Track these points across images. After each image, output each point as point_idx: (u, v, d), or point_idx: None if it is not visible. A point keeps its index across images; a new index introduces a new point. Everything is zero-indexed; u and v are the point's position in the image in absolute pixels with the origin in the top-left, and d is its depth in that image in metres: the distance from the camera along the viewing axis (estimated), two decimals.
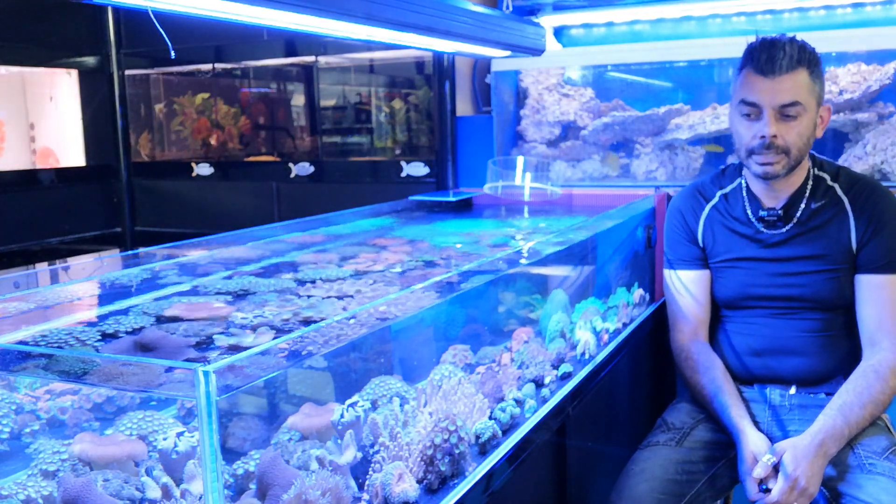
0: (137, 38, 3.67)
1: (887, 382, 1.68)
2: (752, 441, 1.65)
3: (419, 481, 1.15)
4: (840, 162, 2.39)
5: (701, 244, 1.90)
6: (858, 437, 1.68)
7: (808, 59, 1.65)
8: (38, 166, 3.95)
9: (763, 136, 1.66)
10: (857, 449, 1.66)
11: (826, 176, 1.81)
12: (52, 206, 3.55)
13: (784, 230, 1.79)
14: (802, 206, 1.78)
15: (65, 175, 3.67)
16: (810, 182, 1.79)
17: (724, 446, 1.76)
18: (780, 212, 1.78)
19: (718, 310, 1.93)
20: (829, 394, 1.79)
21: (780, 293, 1.80)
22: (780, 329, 1.81)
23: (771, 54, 1.64)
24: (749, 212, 1.83)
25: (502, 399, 1.44)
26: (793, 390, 1.81)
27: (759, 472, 1.59)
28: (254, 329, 1.09)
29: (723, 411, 1.74)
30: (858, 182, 1.79)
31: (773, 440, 1.80)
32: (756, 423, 1.79)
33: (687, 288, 1.91)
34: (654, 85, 2.77)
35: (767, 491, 1.59)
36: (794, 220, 1.79)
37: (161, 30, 1.19)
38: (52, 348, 1.01)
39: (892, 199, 1.78)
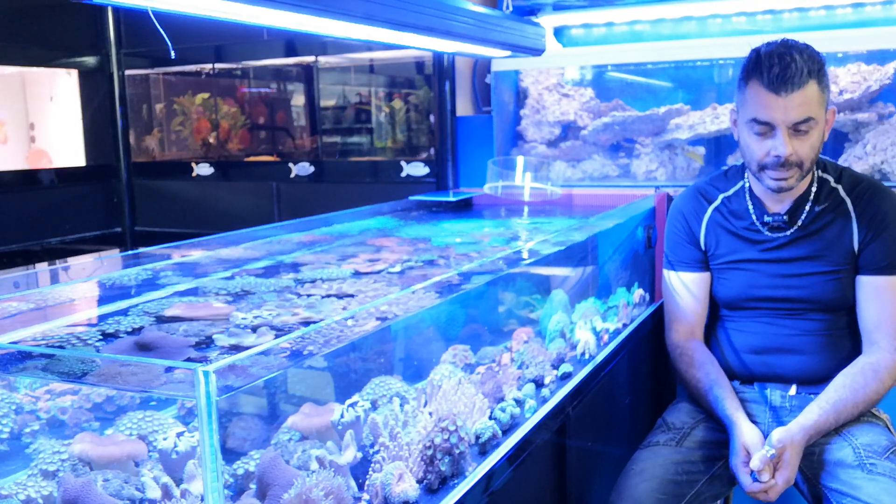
0: (137, 38, 3.67)
1: (883, 382, 1.70)
2: (746, 433, 1.66)
3: (419, 481, 1.15)
4: (840, 162, 2.39)
5: (703, 247, 1.90)
6: (859, 437, 1.69)
7: (817, 69, 1.62)
8: (30, 167, 3.94)
9: (778, 156, 1.64)
10: (858, 449, 1.66)
11: (830, 178, 1.80)
12: (52, 206, 3.55)
13: (788, 233, 1.79)
14: (807, 209, 1.78)
15: (65, 175, 3.67)
16: (815, 185, 1.79)
17: (724, 446, 1.76)
18: (785, 217, 1.78)
19: (719, 309, 1.93)
20: None
21: (782, 294, 1.80)
22: (781, 329, 1.81)
23: (782, 70, 1.59)
24: (753, 216, 1.83)
25: (502, 399, 1.44)
26: (793, 390, 1.81)
27: (756, 464, 1.60)
28: (254, 329, 1.09)
29: (717, 403, 1.75)
30: (861, 183, 1.79)
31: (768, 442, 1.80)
32: (756, 424, 1.79)
33: (687, 288, 1.91)
34: (654, 85, 2.77)
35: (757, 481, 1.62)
36: (799, 223, 1.78)
37: (161, 30, 1.19)
38: (52, 348, 1.01)
39: (895, 201, 1.77)
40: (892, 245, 1.74)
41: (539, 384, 1.57)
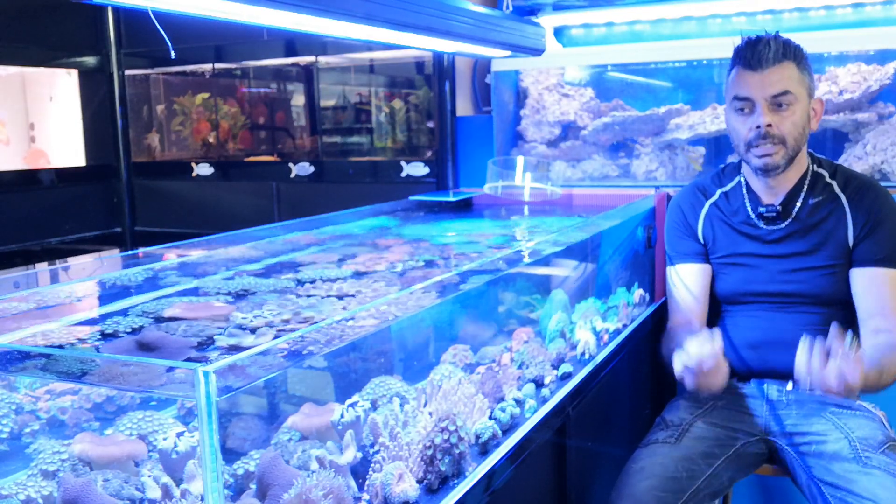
0: (137, 38, 3.67)
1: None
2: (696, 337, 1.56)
3: (419, 481, 1.15)
4: (840, 162, 2.39)
5: (701, 240, 1.92)
6: (856, 431, 1.70)
7: (794, 53, 1.71)
8: (28, 167, 3.94)
9: (758, 126, 1.70)
10: (854, 443, 1.67)
11: (824, 173, 1.84)
12: (52, 206, 3.55)
13: (783, 226, 1.82)
14: (800, 201, 1.81)
15: (65, 175, 3.67)
16: (808, 178, 1.82)
17: (723, 443, 1.77)
18: (778, 208, 1.81)
19: (718, 305, 1.94)
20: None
21: (779, 289, 1.81)
22: (778, 323, 1.82)
23: (757, 50, 1.70)
24: (749, 208, 1.85)
25: (502, 399, 1.44)
26: (790, 386, 1.82)
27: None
28: (254, 329, 1.09)
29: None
30: (855, 179, 1.82)
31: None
32: (754, 418, 1.81)
33: (685, 282, 1.93)
34: (654, 85, 2.77)
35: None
36: (793, 215, 1.81)
37: (161, 30, 1.19)
38: (52, 348, 1.01)
39: (888, 196, 1.80)
40: (888, 239, 1.75)
41: (539, 384, 1.57)
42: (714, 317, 1.95)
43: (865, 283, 1.76)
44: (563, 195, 2.54)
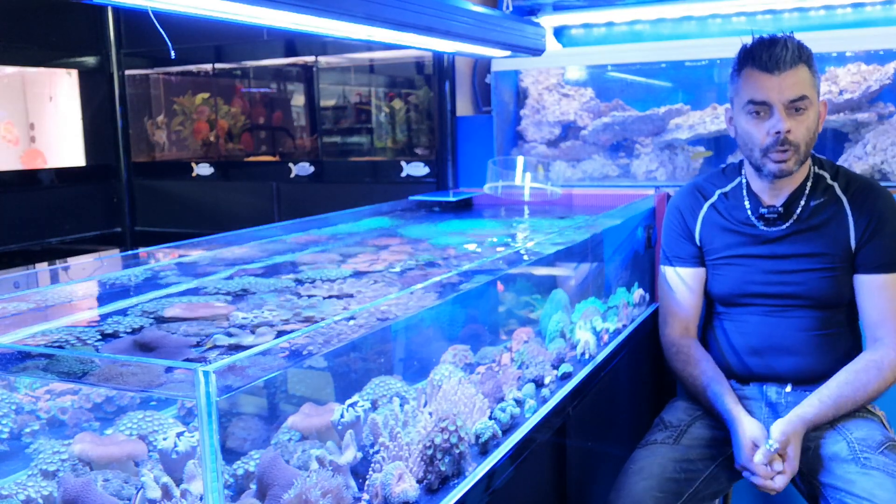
0: (137, 38, 3.67)
1: (885, 379, 1.71)
2: (749, 428, 1.66)
3: (419, 481, 1.15)
4: (840, 162, 2.39)
5: (698, 242, 1.91)
6: (854, 431, 1.70)
7: (807, 55, 1.69)
8: (25, 167, 3.94)
9: (778, 133, 1.67)
10: (852, 444, 1.67)
11: (825, 174, 1.82)
12: (52, 206, 3.55)
13: (784, 227, 1.80)
14: (802, 202, 1.80)
15: (65, 175, 3.67)
16: (810, 180, 1.81)
17: (722, 443, 1.76)
18: (780, 209, 1.80)
19: (713, 307, 1.93)
20: None
21: (777, 290, 1.81)
22: (776, 327, 1.82)
23: (773, 52, 1.66)
24: (749, 210, 1.84)
25: (502, 399, 1.44)
26: (789, 388, 1.82)
27: (760, 458, 1.61)
28: (254, 329, 1.09)
29: (717, 399, 1.76)
30: (856, 181, 1.81)
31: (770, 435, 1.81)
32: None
33: (683, 283, 1.93)
34: (654, 85, 2.77)
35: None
36: (795, 216, 1.80)
37: (161, 30, 1.19)
38: (52, 348, 1.01)
39: (890, 199, 1.79)
40: (890, 243, 1.75)
41: (539, 384, 1.57)
42: (710, 319, 1.95)
43: (869, 290, 1.76)
44: (563, 195, 2.54)
